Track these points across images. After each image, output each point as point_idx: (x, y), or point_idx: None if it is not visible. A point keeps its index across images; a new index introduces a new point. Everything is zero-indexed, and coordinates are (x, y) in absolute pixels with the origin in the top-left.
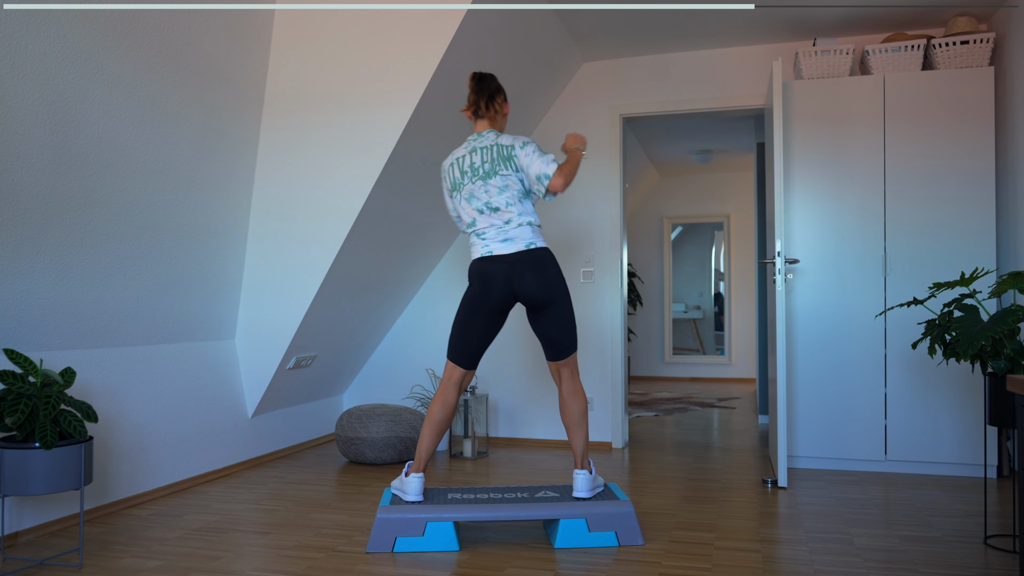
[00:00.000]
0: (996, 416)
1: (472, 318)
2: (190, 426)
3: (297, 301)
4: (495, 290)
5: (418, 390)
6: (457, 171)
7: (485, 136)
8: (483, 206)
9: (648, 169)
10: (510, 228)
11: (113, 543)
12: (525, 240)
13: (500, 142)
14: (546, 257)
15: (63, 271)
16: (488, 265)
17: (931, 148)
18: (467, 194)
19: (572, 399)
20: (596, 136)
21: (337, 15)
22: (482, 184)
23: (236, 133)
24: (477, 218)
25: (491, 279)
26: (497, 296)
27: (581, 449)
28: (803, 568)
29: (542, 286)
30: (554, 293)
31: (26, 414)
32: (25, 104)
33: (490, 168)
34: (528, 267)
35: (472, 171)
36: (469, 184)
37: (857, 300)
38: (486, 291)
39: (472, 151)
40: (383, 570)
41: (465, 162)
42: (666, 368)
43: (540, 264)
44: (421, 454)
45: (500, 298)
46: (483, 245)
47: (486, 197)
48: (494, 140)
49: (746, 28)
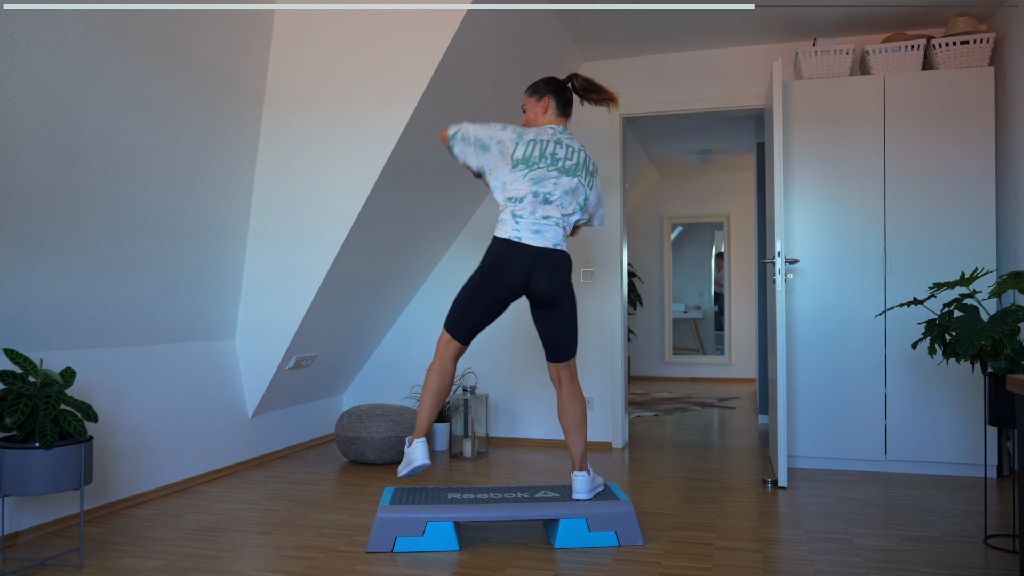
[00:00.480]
0: (996, 416)
1: (479, 296)
2: (190, 426)
3: (297, 301)
4: (509, 276)
5: (418, 390)
6: (537, 150)
7: (572, 138)
8: (542, 192)
9: (648, 169)
10: (547, 223)
11: (113, 543)
12: (554, 240)
13: (587, 153)
14: (567, 261)
15: (63, 271)
16: (511, 249)
17: (931, 148)
18: (536, 175)
19: (572, 402)
20: (596, 136)
21: (337, 15)
22: (557, 176)
23: (236, 133)
24: (527, 198)
25: (509, 264)
26: (509, 283)
27: (580, 452)
28: (803, 568)
29: (557, 286)
30: (565, 295)
31: (26, 414)
32: (25, 104)
33: (573, 167)
34: (549, 265)
35: (553, 159)
36: (544, 168)
37: (857, 300)
38: (501, 273)
39: (557, 142)
40: (383, 570)
41: (548, 148)
42: (666, 368)
43: (560, 266)
44: (422, 421)
45: (511, 286)
46: (513, 227)
47: (552, 188)
48: (580, 146)
49: (746, 28)
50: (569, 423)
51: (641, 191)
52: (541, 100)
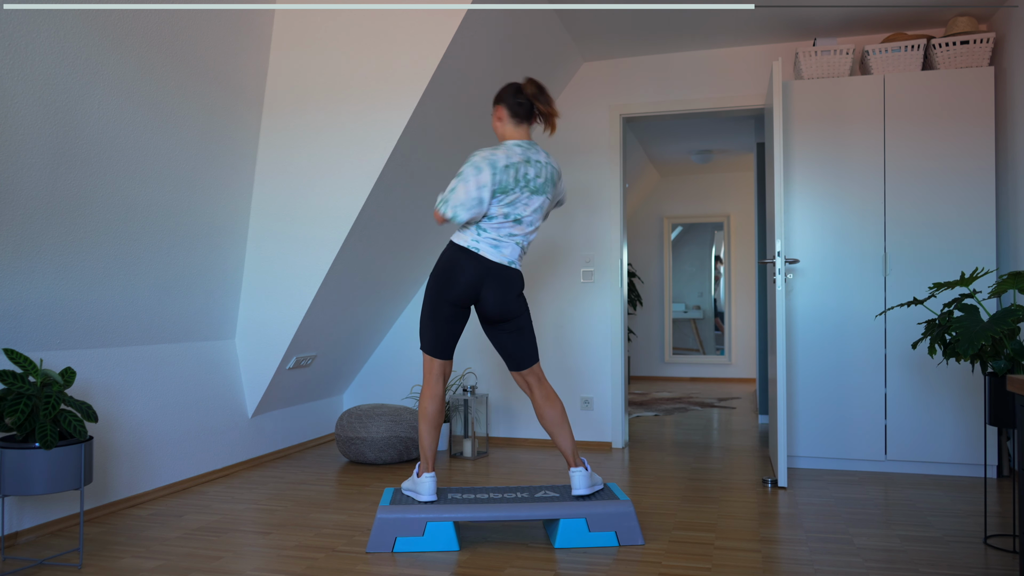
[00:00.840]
0: (996, 416)
1: (439, 308)
2: (190, 426)
3: (297, 301)
4: (459, 284)
5: (418, 390)
6: (512, 176)
7: (537, 150)
8: (515, 214)
9: (648, 169)
10: (508, 240)
11: (113, 543)
12: (510, 257)
13: (552, 163)
14: (518, 279)
15: (63, 271)
16: (465, 258)
17: (931, 148)
18: (512, 200)
19: (546, 403)
20: (596, 136)
21: (337, 15)
22: (528, 198)
23: (236, 133)
24: (496, 216)
25: (461, 271)
26: (459, 291)
27: (570, 448)
28: (803, 568)
29: (506, 303)
30: (516, 310)
31: (26, 414)
32: (25, 104)
33: (541, 186)
34: (500, 281)
35: (526, 182)
36: (518, 193)
37: (857, 300)
38: (450, 281)
39: (527, 161)
40: (383, 570)
41: (520, 171)
42: (666, 368)
43: (511, 284)
44: (427, 452)
45: (461, 295)
46: (474, 238)
47: (524, 210)
48: (547, 159)
49: (746, 28)
50: (550, 424)
51: (641, 191)
52: (496, 108)
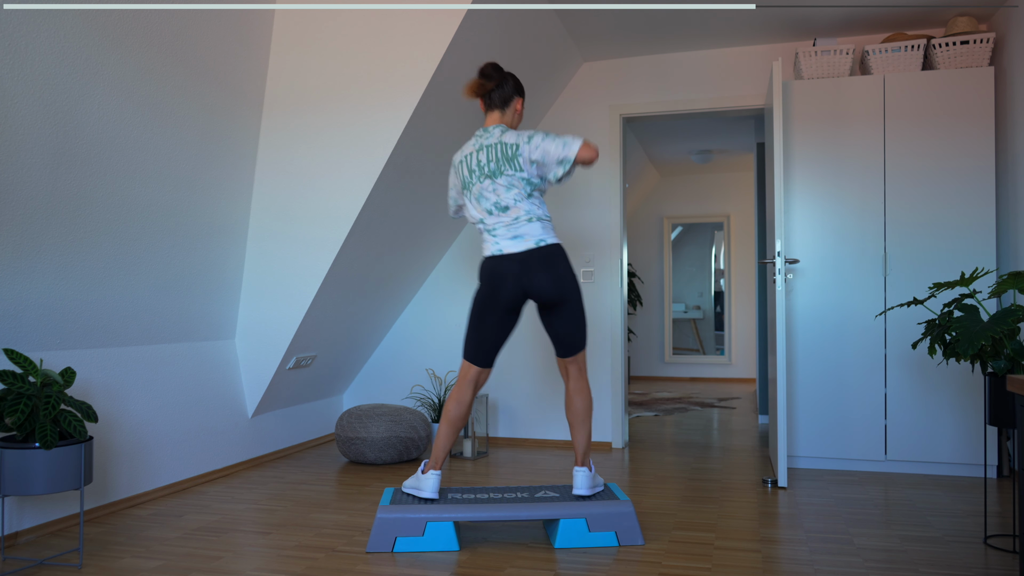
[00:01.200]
0: (996, 416)
1: (483, 317)
2: (190, 426)
3: (297, 301)
4: (505, 289)
5: (418, 390)
6: (466, 169)
7: (491, 132)
8: (492, 206)
9: (648, 169)
10: (519, 225)
11: (113, 543)
12: (535, 237)
13: (504, 140)
14: (557, 253)
15: (63, 271)
16: (498, 263)
17: (931, 148)
18: (476, 194)
19: (578, 396)
20: (596, 136)
21: (337, 15)
22: (490, 183)
23: (236, 133)
24: (486, 217)
25: (501, 277)
26: (507, 295)
27: (584, 446)
28: (803, 568)
29: (553, 284)
30: (566, 291)
31: (26, 414)
32: (25, 104)
33: (495, 168)
34: (539, 265)
35: (480, 170)
36: (478, 183)
37: (857, 300)
38: (495, 290)
39: (479, 149)
40: (383, 570)
41: (473, 160)
42: (666, 368)
43: (551, 261)
44: (438, 452)
45: (510, 297)
46: (494, 243)
47: (494, 197)
48: (499, 138)
49: (746, 28)
50: (574, 416)
51: (641, 191)
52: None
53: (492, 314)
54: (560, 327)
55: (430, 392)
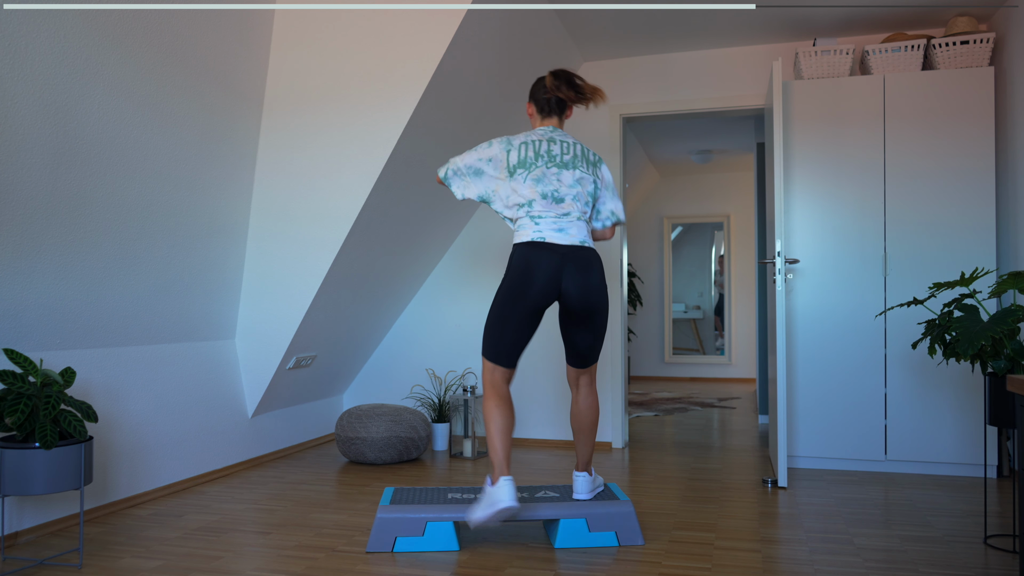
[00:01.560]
0: (996, 416)
1: (511, 310)
2: (190, 426)
3: (297, 301)
4: (539, 280)
5: (418, 390)
6: (531, 151)
7: (564, 135)
8: (549, 192)
9: (648, 169)
10: (568, 220)
11: (113, 543)
12: (580, 236)
13: (585, 147)
14: (597, 260)
15: (62, 271)
16: (536, 251)
17: (931, 148)
18: (537, 175)
19: (588, 408)
20: (596, 136)
21: (337, 15)
22: (557, 172)
23: (236, 133)
24: (536, 200)
25: (537, 266)
26: (540, 287)
27: (587, 456)
28: (803, 568)
29: (591, 292)
30: (601, 302)
31: (26, 414)
32: (25, 104)
33: (571, 160)
34: (581, 266)
35: (549, 156)
36: (542, 167)
37: (857, 300)
38: (528, 279)
39: (551, 140)
40: (383, 570)
41: (542, 147)
42: (666, 368)
43: (593, 267)
44: (497, 457)
45: (543, 290)
46: (535, 229)
47: (556, 184)
48: (576, 141)
49: (746, 28)
50: (580, 426)
51: (641, 191)
52: (528, 104)
53: (520, 307)
54: (582, 339)
55: (430, 392)
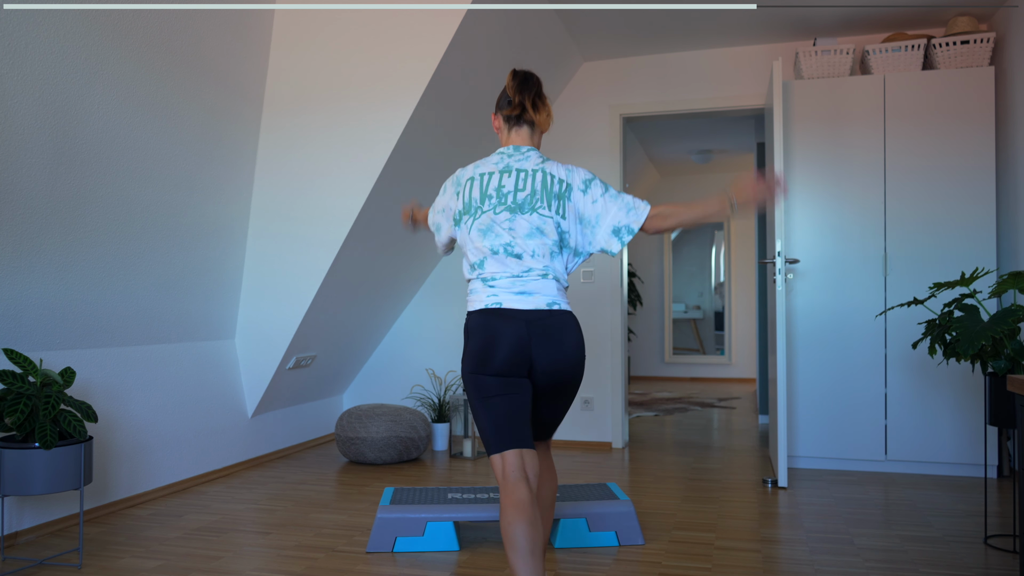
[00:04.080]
0: (996, 416)
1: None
2: (190, 426)
3: (297, 301)
4: (501, 352)
5: (418, 390)
6: (477, 190)
7: (527, 155)
8: (500, 246)
9: (648, 169)
10: (530, 279)
11: (113, 543)
12: (548, 297)
13: (548, 170)
14: (574, 324)
15: (62, 271)
16: (495, 320)
17: (931, 148)
18: (483, 224)
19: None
20: (596, 136)
21: (337, 15)
22: (508, 218)
23: (236, 133)
24: (488, 259)
25: (498, 334)
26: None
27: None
28: (803, 568)
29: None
30: (578, 377)
31: (26, 414)
32: (25, 104)
33: (526, 200)
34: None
35: (499, 196)
36: (490, 212)
37: (857, 300)
38: (488, 348)
39: (505, 170)
40: (383, 570)
41: (491, 182)
42: (666, 368)
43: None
44: None
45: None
46: (490, 294)
47: (508, 237)
48: (539, 164)
49: (746, 28)
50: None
51: (641, 191)
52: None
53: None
54: (551, 412)
55: (430, 392)
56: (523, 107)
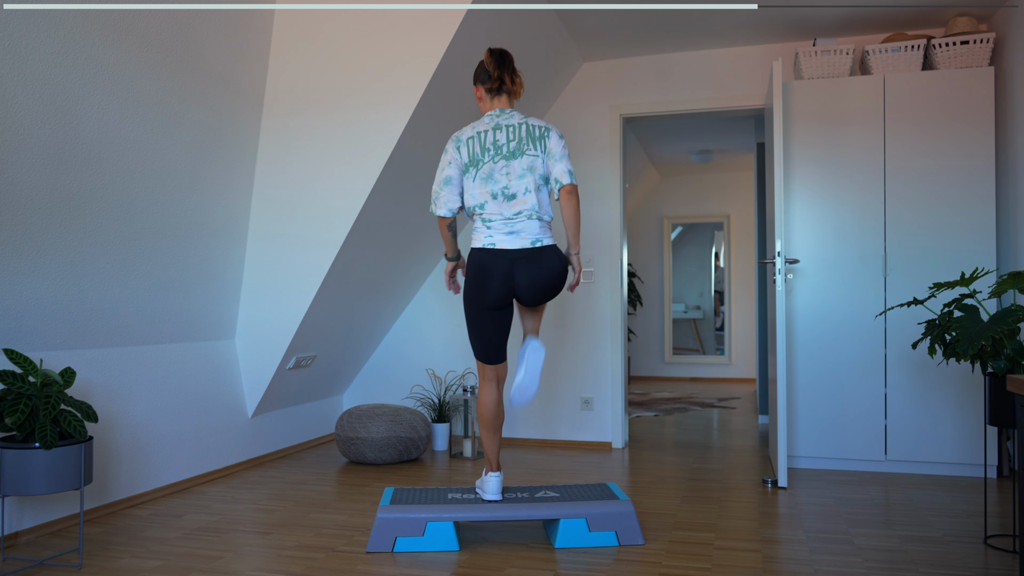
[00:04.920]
0: (996, 416)
1: (476, 313)
2: (190, 426)
3: (297, 301)
4: (492, 285)
5: (418, 390)
6: (477, 146)
7: (510, 114)
8: (499, 190)
9: (648, 169)
10: (518, 221)
11: (113, 543)
12: (532, 236)
13: (530, 122)
14: (552, 251)
15: (63, 271)
16: (487, 257)
17: (931, 148)
18: (485, 173)
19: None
20: (596, 136)
21: (337, 15)
22: (504, 164)
23: (236, 133)
24: (488, 202)
25: (489, 273)
26: (494, 292)
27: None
28: (803, 568)
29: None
30: (557, 284)
31: (26, 414)
32: (25, 104)
33: (516, 148)
34: (532, 262)
35: (495, 149)
36: (490, 163)
37: (857, 300)
38: (483, 286)
39: (496, 128)
40: (383, 570)
41: (487, 138)
42: (666, 368)
43: (543, 258)
44: (489, 455)
45: (497, 294)
46: (487, 235)
47: (505, 180)
48: (522, 119)
49: (746, 28)
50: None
51: (641, 191)
52: (475, 88)
53: (481, 308)
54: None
55: (430, 392)
56: (502, 80)
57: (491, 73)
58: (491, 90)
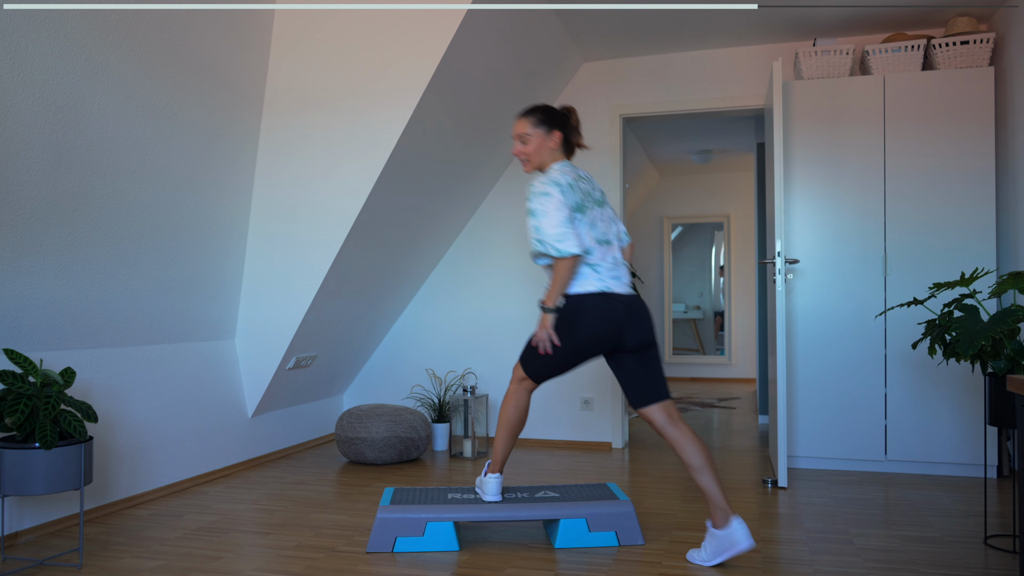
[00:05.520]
0: (996, 416)
1: (585, 353)
2: (190, 426)
3: (297, 301)
4: (614, 330)
5: (418, 390)
6: (579, 194)
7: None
8: (601, 236)
9: (648, 169)
10: (618, 267)
11: (113, 543)
12: (628, 283)
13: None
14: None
15: (63, 271)
16: (609, 303)
17: (931, 148)
18: (590, 220)
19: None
20: (596, 136)
21: (337, 15)
22: (599, 211)
23: (236, 133)
24: (595, 248)
25: (615, 318)
26: (612, 340)
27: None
28: (803, 568)
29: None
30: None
31: (26, 414)
32: (25, 104)
33: (600, 198)
34: (638, 313)
35: (592, 198)
36: (591, 209)
37: (857, 300)
38: (609, 331)
39: (579, 178)
40: (383, 570)
41: (582, 187)
42: (666, 368)
43: (646, 313)
44: (498, 456)
45: (614, 343)
46: (598, 279)
47: (603, 227)
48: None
49: (746, 28)
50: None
51: (641, 191)
52: (551, 134)
53: (593, 353)
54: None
55: (430, 392)
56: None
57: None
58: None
